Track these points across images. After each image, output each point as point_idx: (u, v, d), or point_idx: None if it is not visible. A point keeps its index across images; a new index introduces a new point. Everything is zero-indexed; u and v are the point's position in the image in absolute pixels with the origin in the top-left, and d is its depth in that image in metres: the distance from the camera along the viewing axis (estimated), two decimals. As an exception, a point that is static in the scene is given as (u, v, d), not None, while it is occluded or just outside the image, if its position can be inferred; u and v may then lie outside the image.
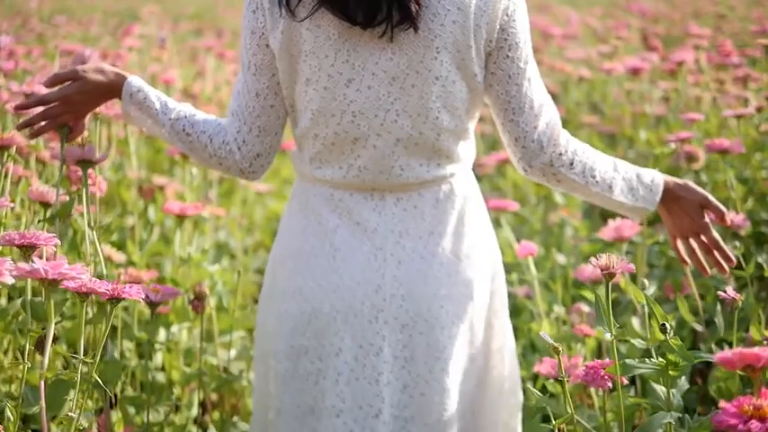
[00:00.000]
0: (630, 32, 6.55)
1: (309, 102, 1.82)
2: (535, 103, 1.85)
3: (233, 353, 2.66)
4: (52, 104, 1.91)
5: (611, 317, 1.59)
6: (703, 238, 1.97)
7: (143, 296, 1.67)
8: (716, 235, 1.97)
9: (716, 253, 1.97)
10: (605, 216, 3.48)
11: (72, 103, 1.90)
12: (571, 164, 1.88)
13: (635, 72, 3.63)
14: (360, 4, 1.72)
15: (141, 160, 3.57)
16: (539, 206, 3.68)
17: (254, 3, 1.82)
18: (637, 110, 4.08)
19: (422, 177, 1.85)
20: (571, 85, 5.71)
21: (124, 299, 1.61)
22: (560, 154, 1.87)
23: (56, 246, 1.66)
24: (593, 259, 1.57)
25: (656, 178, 1.95)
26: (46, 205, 2.01)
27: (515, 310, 2.94)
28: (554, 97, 4.36)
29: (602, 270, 1.55)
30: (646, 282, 1.68)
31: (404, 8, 1.72)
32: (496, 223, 3.10)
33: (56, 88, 1.91)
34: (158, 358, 2.66)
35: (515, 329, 2.62)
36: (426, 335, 1.85)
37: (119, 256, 2.53)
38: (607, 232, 2.21)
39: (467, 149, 1.90)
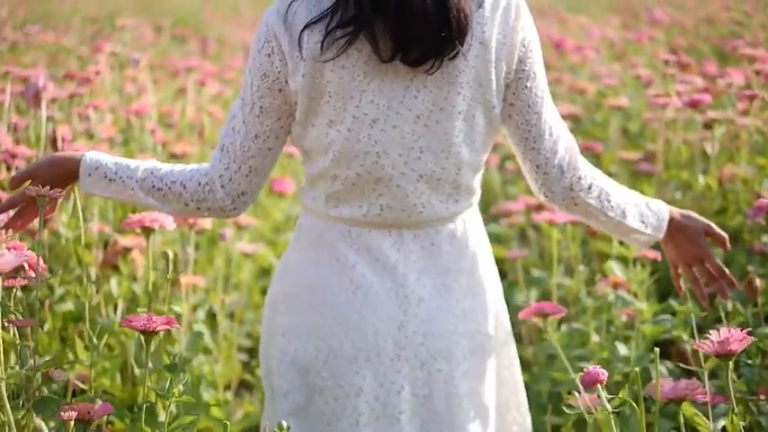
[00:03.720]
0: (653, 45, 6.01)
1: (331, 143, 1.80)
2: (554, 130, 1.87)
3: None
4: (21, 205, 1.91)
5: None
6: (707, 264, 2.00)
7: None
8: (718, 261, 2.01)
9: (719, 278, 2.00)
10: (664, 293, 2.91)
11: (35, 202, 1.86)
12: (589, 188, 1.90)
13: (694, 105, 3.08)
14: (422, 41, 1.70)
15: (105, 210, 3.00)
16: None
17: (268, 47, 1.78)
18: (676, 138, 3.56)
19: (440, 215, 1.85)
20: (591, 107, 5.15)
21: None
22: (580, 178, 1.89)
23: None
24: None
25: (662, 207, 1.99)
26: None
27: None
28: (576, 124, 3.60)
29: None
30: None
31: (462, 39, 1.72)
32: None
33: (20, 189, 1.92)
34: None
35: None
36: (444, 372, 1.86)
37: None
38: (709, 346, 1.64)
39: (479, 182, 1.91)
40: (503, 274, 4.15)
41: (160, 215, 2.03)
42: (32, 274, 1.89)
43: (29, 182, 1.90)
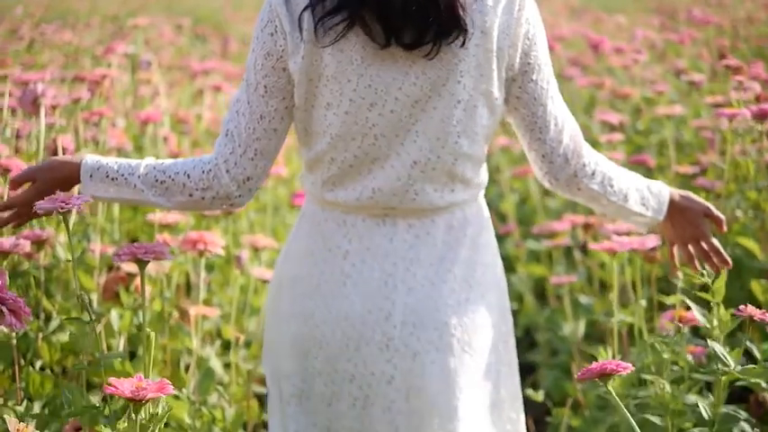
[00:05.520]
0: (696, 46, 5.69)
1: (329, 126, 1.81)
2: (559, 120, 1.90)
3: None
4: (20, 207, 1.90)
5: None
6: (703, 244, 2.05)
7: None
8: (715, 241, 2.06)
9: (714, 257, 2.05)
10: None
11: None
12: (593, 174, 1.93)
13: (762, 117, 2.77)
14: (411, 25, 1.71)
15: (107, 227, 2.72)
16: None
17: (271, 25, 1.79)
18: (732, 149, 3.22)
19: (435, 203, 1.85)
20: (633, 113, 4.82)
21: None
22: (584, 165, 1.92)
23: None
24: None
25: (663, 189, 2.02)
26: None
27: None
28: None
29: None
30: None
31: (457, 24, 1.73)
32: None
33: (19, 190, 1.94)
34: None
35: None
36: (439, 363, 1.85)
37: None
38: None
39: (481, 175, 1.91)
40: (542, 297, 3.89)
41: (155, 246, 1.74)
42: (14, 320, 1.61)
43: (28, 184, 1.89)
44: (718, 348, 1.96)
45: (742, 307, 1.90)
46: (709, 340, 1.99)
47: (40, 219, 2.66)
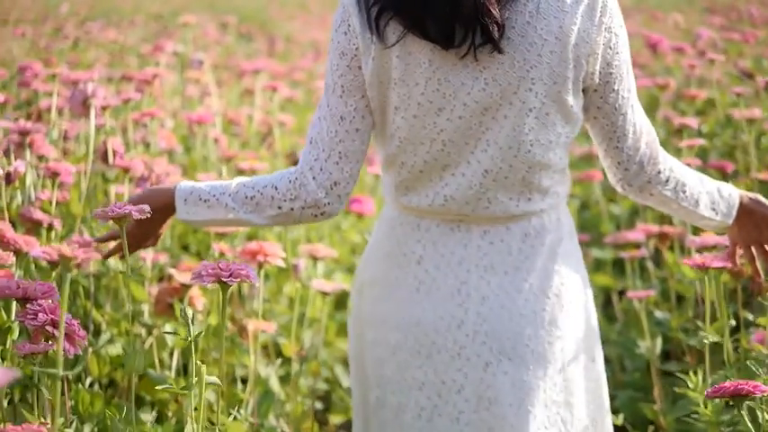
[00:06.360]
0: (759, 47, 5.48)
1: (397, 129, 1.79)
2: (637, 128, 1.86)
3: None
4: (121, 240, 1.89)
5: None
6: (767, 247, 2.01)
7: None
8: None
9: None
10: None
11: (137, 236, 1.93)
12: (666, 181, 1.90)
13: None
14: (436, 22, 1.69)
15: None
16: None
17: (344, 25, 1.78)
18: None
19: (510, 212, 1.82)
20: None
21: None
22: (658, 172, 1.89)
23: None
24: None
25: (733, 192, 1.98)
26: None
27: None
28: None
29: None
30: None
31: (485, 31, 1.69)
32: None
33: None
34: None
35: None
36: (511, 375, 1.81)
37: None
38: None
39: (560, 183, 1.87)
40: (606, 307, 3.71)
41: (241, 268, 1.60)
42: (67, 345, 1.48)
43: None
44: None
45: None
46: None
47: (89, 225, 2.56)
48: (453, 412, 1.82)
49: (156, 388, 1.73)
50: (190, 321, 1.54)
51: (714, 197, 1.96)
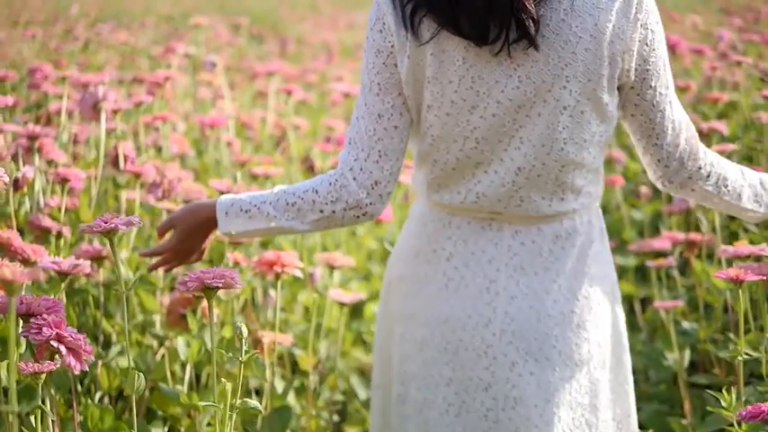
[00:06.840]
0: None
1: (430, 127, 1.78)
2: (676, 124, 1.83)
3: None
4: (165, 255, 1.98)
5: None
6: None
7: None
8: None
9: None
10: None
11: (180, 251, 1.96)
12: (708, 176, 1.88)
13: None
14: (469, 19, 1.66)
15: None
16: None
17: (379, 23, 1.76)
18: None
19: (542, 211, 1.81)
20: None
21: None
22: (699, 168, 1.87)
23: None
24: None
25: None
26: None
27: None
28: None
29: None
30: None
31: (520, 26, 1.66)
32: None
33: (165, 238, 2.02)
34: None
35: None
36: (537, 376, 1.80)
37: None
38: None
39: (593, 183, 1.86)
40: (629, 315, 3.60)
41: (224, 271, 1.52)
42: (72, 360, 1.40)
43: (171, 231, 1.95)
44: None
45: None
46: None
47: (100, 236, 2.49)
48: (481, 409, 1.82)
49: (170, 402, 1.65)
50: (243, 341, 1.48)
51: (757, 189, 1.93)
